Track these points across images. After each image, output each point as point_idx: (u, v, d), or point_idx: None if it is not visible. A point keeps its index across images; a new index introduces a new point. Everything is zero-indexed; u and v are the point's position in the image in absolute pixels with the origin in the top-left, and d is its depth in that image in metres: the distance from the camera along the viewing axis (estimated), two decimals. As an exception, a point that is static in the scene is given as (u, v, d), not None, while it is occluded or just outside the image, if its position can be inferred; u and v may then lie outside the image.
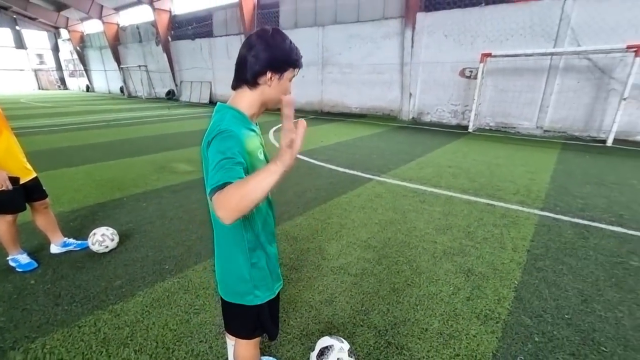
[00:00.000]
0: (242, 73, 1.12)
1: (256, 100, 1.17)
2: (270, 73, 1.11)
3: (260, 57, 1.09)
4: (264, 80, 1.13)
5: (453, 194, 4.54)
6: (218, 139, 1.02)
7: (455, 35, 10.60)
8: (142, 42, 24.66)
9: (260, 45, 1.09)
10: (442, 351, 1.93)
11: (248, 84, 1.14)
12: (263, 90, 1.15)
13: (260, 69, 1.10)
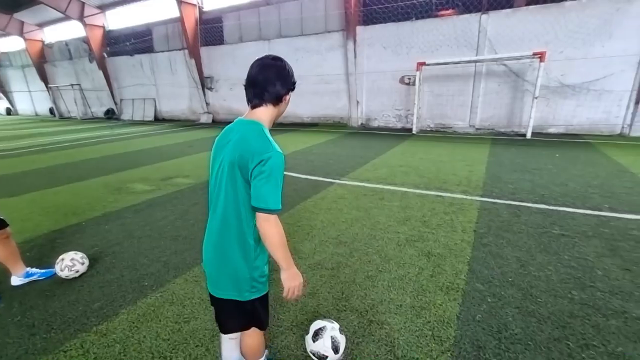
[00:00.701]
0: (271, 93, 1.33)
1: (275, 116, 1.42)
2: (289, 93, 1.39)
3: (287, 81, 1.35)
4: (284, 99, 1.38)
5: (407, 190, 5.02)
6: (275, 161, 1.25)
7: (392, 46, 11.54)
8: (73, 59, 22.89)
9: (284, 71, 1.34)
10: (416, 321, 2.24)
11: (273, 102, 1.36)
12: (280, 106, 1.40)
13: (286, 91, 1.36)
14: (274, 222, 1.27)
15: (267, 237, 1.29)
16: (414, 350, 1.98)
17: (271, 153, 1.25)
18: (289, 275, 1.39)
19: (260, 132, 1.31)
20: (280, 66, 1.34)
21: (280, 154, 1.27)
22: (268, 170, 1.23)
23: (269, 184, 1.23)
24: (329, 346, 1.82)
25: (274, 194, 1.24)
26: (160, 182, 5.98)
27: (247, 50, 14.95)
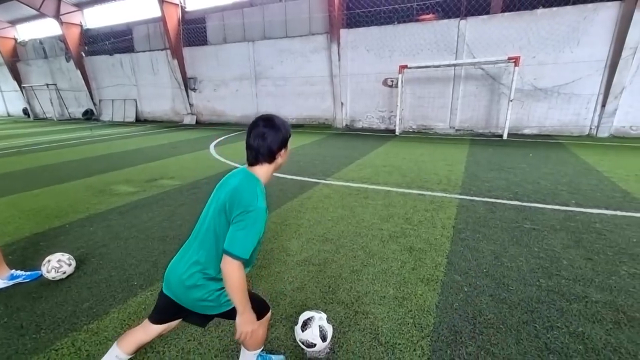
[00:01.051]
0: (264, 155, 1.50)
1: (273, 169, 1.57)
2: (283, 149, 1.54)
3: (279, 141, 1.50)
4: (279, 155, 1.54)
5: (390, 189, 5.20)
6: (256, 215, 1.39)
7: (375, 49, 11.80)
8: (49, 58, 22.15)
9: (276, 136, 1.49)
10: (398, 310, 2.38)
11: (268, 161, 1.52)
12: (277, 161, 1.56)
13: (278, 149, 1.51)
14: (236, 267, 1.37)
15: (228, 279, 1.39)
16: (396, 337, 2.12)
17: (255, 208, 1.39)
18: (244, 320, 1.46)
19: (253, 188, 1.45)
20: (272, 132, 1.49)
21: (262, 210, 1.41)
22: (246, 221, 1.37)
23: (243, 232, 1.37)
24: (317, 335, 1.93)
25: (244, 242, 1.37)
26: (145, 183, 5.95)
27: (231, 51, 14.91)
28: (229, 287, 1.40)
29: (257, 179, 1.49)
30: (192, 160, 7.92)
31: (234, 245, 1.36)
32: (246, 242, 1.37)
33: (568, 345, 1.99)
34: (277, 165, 1.58)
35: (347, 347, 2.06)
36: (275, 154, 1.52)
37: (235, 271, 1.37)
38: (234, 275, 1.37)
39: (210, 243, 1.49)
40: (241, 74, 15.08)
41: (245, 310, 1.44)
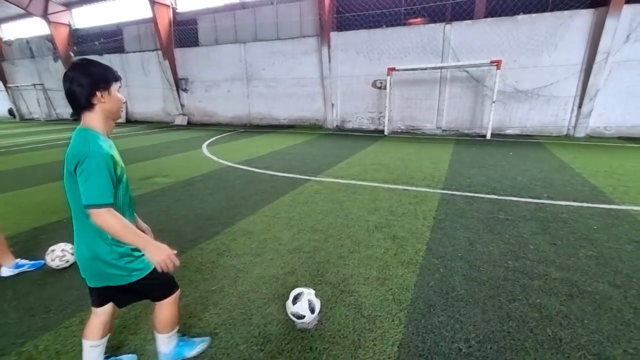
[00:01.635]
0: (79, 101, 1.42)
1: (103, 117, 1.50)
2: (99, 92, 1.44)
3: (86, 83, 1.40)
4: (97, 100, 1.45)
5: (377, 184, 5.47)
6: (93, 158, 1.36)
7: (365, 52, 12.11)
8: (35, 57, 21.88)
9: (81, 73, 1.41)
10: (380, 288, 2.63)
11: (87, 108, 1.45)
12: (102, 106, 1.47)
13: (91, 93, 1.42)
14: (105, 213, 1.37)
15: (107, 229, 1.40)
16: (377, 310, 2.37)
17: (88, 153, 1.37)
18: (151, 252, 1.46)
19: (81, 137, 1.43)
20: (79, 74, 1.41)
21: (97, 153, 1.38)
22: (87, 169, 1.36)
23: (90, 180, 1.35)
24: (306, 307, 2.17)
25: (96, 189, 1.36)
26: (139, 181, 6.09)
27: (223, 52, 15.06)
28: (114, 234, 1.41)
29: (85, 129, 1.45)
30: (184, 160, 8.06)
31: (89, 195, 1.35)
32: (97, 187, 1.36)
33: (526, 314, 2.27)
34: (105, 111, 1.49)
35: (333, 319, 2.30)
36: (90, 96, 1.42)
37: (108, 219, 1.37)
38: (108, 223, 1.38)
39: (76, 213, 1.50)
40: (233, 75, 15.23)
41: (145, 245, 1.45)
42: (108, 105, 1.49)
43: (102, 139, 1.47)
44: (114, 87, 1.50)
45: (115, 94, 1.51)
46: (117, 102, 1.53)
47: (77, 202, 1.43)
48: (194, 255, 3.27)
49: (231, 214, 4.32)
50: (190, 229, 3.91)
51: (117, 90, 1.52)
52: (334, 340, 2.10)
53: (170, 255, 1.49)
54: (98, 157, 1.38)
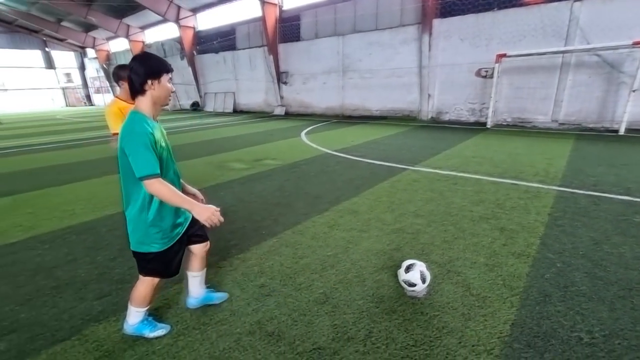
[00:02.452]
0: (134, 86, 1.70)
1: (151, 102, 1.74)
2: (150, 80, 1.69)
3: (141, 72, 1.67)
4: (149, 87, 1.70)
5: (481, 177, 5.27)
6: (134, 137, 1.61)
7: (470, 38, 11.32)
8: (167, 57, 26.12)
9: (138, 63, 1.68)
10: (489, 273, 2.68)
11: (139, 93, 1.71)
12: (152, 93, 1.72)
13: (144, 81, 1.68)
14: (156, 183, 1.62)
15: (159, 196, 1.67)
16: (486, 291, 2.45)
17: (130, 132, 1.62)
18: (198, 212, 1.67)
19: (129, 120, 1.68)
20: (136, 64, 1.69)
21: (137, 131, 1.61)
22: (131, 146, 1.61)
23: (135, 155, 1.61)
24: (418, 277, 2.39)
25: (142, 162, 1.60)
26: (253, 162, 7.02)
27: (321, 45, 15.79)
28: (165, 200, 1.68)
29: (135, 112, 1.70)
30: (287, 146, 8.89)
31: (139, 169, 1.60)
32: (144, 161, 1.59)
33: (667, 320, 2.08)
34: (154, 97, 1.72)
35: (441, 293, 2.46)
36: (143, 84, 1.67)
37: (158, 187, 1.62)
38: (158, 191, 1.63)
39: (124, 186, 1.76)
40: (330, 68, 15.87)
41: (192, 206, 1.68)
42: (157, 93, 1.73)
43: (147, 121, 1.70)
44: (164, 78, 1.73)
45: (165, 84, 1.75)
46: (166, 90, 1.76)
47: (124, 173, 1.73)
48: (308, 226, 3.75)
49: (336, 195, 4.74)
50: (301, 204, 4.44)
51: (167, 80, 1.75)
52: (444, 310, 2.28)
53: (214, 212, 1.69)
54: (140, 135, 1.62)
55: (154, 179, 1.61)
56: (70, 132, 13.72)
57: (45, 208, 4.59)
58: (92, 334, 2.14)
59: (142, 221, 1.79)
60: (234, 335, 2.10)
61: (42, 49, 37.75)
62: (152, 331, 2.09)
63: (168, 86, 1.77)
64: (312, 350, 1.96)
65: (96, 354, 1.97)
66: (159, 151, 1.70)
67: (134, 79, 1.69)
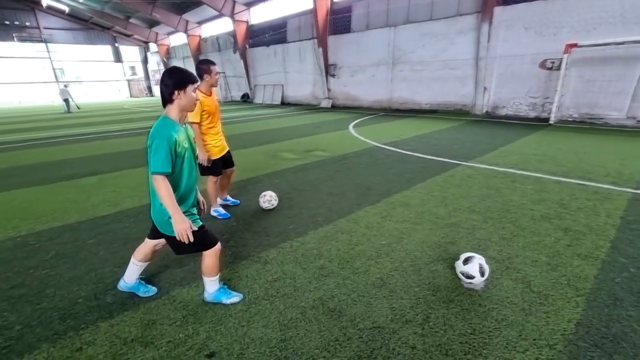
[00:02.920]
0: (163, 96, 1.97)
1: (179, 109, 2.01)
2: (177, 91, 1.95)
3: (170, 84, 1.93)
4: (176, 97, 1.96)
5: (542, 176, 5.00)
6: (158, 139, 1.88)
7: (536, 27, 10.52)
8: (221, 50, 27.46)
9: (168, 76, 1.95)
10: (551, 273, 2.61)
11: (168, 101, 1.98)
12: (179, 102, 1.98)
13: (172, 91, 1.94)
14: (159, 180, 1.88)
15: (156, 191, 1.92)
16: (548, 289, 2.40)
17: (155, 135, 1.89)
18: (174, 221, 1.92)
19: (157, 124, 1.95)
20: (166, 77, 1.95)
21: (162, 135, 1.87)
22: (153, 146, 1.89)
23: (154, 154, 1.88)
24: (476, 270, 2.41)
25: (157, 161, 1.87)
26: (304, 152, 7.27)
27: (372, 37, 15.60)
28: (159, 197, 1.91)
29: (164, 117, 1.98)
30: (336, 138, 9.03)
31: (153, 165, 1.88)
32: (158, 160, 1.86)
33: None
34: (180, 105, 1.99)
35: (500, 287, 2.47)
36: (171, 94, 1.94)
37: (160, 183, 1.88)
38: (159, 187, 1.89)
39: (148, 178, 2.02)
40: (379, 60, 15.65)
41: (174, 213, 1.91)
42: (183, 102, 1.99)
43: (174, 126, 1.96)
44: (189, 88, 1.98)
45: (190, 93, 1.99)
46: (190, 99, 2.02)
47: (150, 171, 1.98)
48: (361, 215, 3.87)
49: (387, 187, 4.79)
50: (353, 195, 4.57)
51: (192, 90, 2.00)
52: (503, 303, 2.29)
53: (186, 229, 1.93)
54: (163, 138, 1.88)
55: (160, 176, 1.89)
56: (137, 121, 15.08)
57: (125, 187, 5.20)
58: (178, 295, 2.47)
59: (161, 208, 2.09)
60: (299, 307, 2.30)
61: (112, 44, 41.50)
62: (228, 298, 2.36)
63: (193, 95, 2.01)
64: (373, 328, 2.10)
65: (183, 312, 2.29)
66: (180, 152, 1.97)
67: (163, 90, 1.96)
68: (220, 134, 3.92)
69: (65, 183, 5.56)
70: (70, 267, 2.92)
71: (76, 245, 3.33)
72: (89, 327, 2.17)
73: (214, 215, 4.00)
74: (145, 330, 2.13)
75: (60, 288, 2.61)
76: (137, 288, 2.47)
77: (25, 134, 11.80)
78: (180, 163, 2.01)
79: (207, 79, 3.59)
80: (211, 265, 2.25)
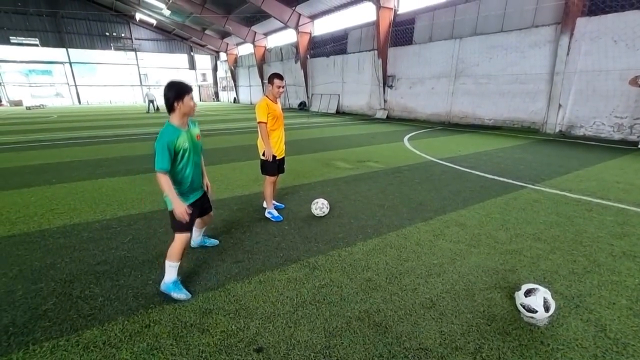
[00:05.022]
0: (166, 105, 2.38)
1: (179, 115, 2.41)
2: (176, 102, 2.35)
3: (170, 96, 2.34)
4: (176, 106, 2.36)
5: (626, 207, 4.43)
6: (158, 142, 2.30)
7: (628, 39, 9.40)
8: (283, 60, 28.76)
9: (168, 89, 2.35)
10: (634, 319, 2.30)
11: (170, 109, 2.38)
12: (180, 109, 2.38)
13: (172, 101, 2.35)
14: (158, 176, 2.32)
15: (159, 183, 2.35)
16: (629, 338, 2.12)
17: (157, 139, 2.31)
18: (174, 205, 2.38)
19: (164, 127, 2.38)
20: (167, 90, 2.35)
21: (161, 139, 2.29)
22: (155, 148, 2.30)
23: (154, 154, 2.29)
24: (540, 304, 2.21)
25: (156, 160, 2.29)
26: (357, 163, 7.29)
27: (434, 49, 15.20)
28: (161, 187, 2.35)
29: (168, 123, 2.40)
30: (390, 150, 8.91)
31: (155, 163, 2.30)
32: (156, 159, 2.28)
33: None
34: (181, 112, 2.38)
35: (567, 327, 2.23)
36: (172, 104, 2.34)
37: (160, 178, 2.33)
38: (160, 181, 2.34)
39: None
40: (440, 72, 15.16)
41: (173, 199, 2.37)
42: (183, 109, 2.39)
43: (175, 130, 2.39)
44: (187, 98, 2.37)
45: (188, 102, 2.39)
46: (189, 107, 2.41)
47: None
48: (412, 231, 3.78)
49: (441, 205, 4.61)
50: (405, 209, 4.47)
51: (189, 99, 2.39)
52: (570, 345, 2.07)
53: (183, 212, 2.38)
54: (164, 141, 2.31)
55: (159, 172, 2.33)
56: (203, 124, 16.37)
57: (191, 184, 5.67)
58: (232, 289, 2.64)
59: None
60: (344, 317, 2.32)
61: (189, 53, 45.69)
62: (178, 293, 2.53)
63: (190, 104, 2.41)
64: (419, 349, 2.04)
65: (236, 305, 2.44)
66: (180, 152, 2.42)
67: (165, 101, 2.38)
68: (281, 139, 4.14)
69: (143, 176, 6.24)
70: (143, 252, 3.28)
71: (149, 232, 3.73)
72: (157, 307, 2.41)
73: (267, 217, 4.20)
74: (202, 317, 2.31)
75: (135, 269, 2.95)
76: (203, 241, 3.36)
77: (115, 130, 13.48)
78: (180, 160, 2.46)
79: (270, 89, 3.89)
80: (176, 249, 2.55)
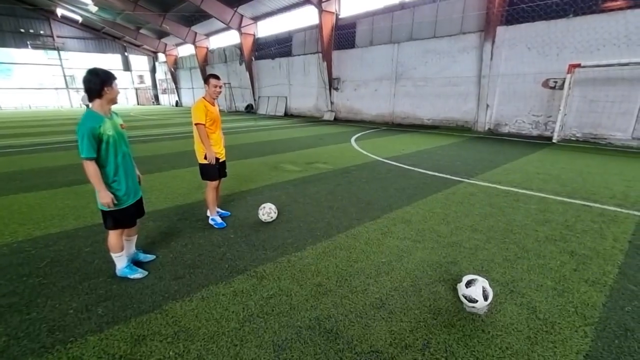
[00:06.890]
0: (92, 93, 2.38)
1: (106, 102, 2.45)
2: (106, 87, 2.38)
3: (97, 82, 2.35)
4: (105, 92, 2.39)
5: (546, 195, 4.93)
6: (80, 129, 2.30)
7: (539, 47, 10.62)
8: (227, 62, 27.86)
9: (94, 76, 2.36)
10: (558, 299, 2.52)
11: (97, 97, 2.40)
12: (107, 96, 2.42)
13: (101, 88, 2.37)
14: (86, 163, 2.35)
15: (86, 172, 2.38)
16: (555, 317, 2.31)
17: (78, 127, 2.31)
18: (99, 195, 2.44)
19: (82, 117, 2.36)
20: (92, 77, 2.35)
21: (83, 126, 2.29)
22: (79, 135, 2.31)
23: (78, 142, 2.31)
24: (479, 293, 2.32)
25: (80, 148, 2.31)
26: (305, 165, 7.23)
27: (375, 53, 15.79)
28: (88, 177, 2.38)
29: (89, 110, 2.39)
30: (338, 151, 9.02)
31: (80, 151, 2.32)
32: (83, 146, 2.29)
33: None
34: (107, 98, 2.43)
35: (504, 313, 2.37)
36: (100, 90, 2.36)
37: (88, 166, 2.35)
38: (87, 169, 2.36)
39: None
40: (382, 75, 15.80)
41: (99, 189, 2.42)
42: (110, 95, 2.44)
43: (97, 117, 2.38)
44: (114, 83, 2.44)
45: (116, 88, 2.46)
46: (116, 93, 2.48)
47: None
48: (361, 231, 3.80)
49: (388, 203, 4.73)
50: (354, 209, 4.50)
51: (116, 85, 2.46)
52: (507, 330, 2.19)
53: (108, 202, 2.47)
54: (84, 128, 2.30)
55: (85, 160, 2.35)
56: (142, 128, 15.17)
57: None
58: (170, 309, 2.39)
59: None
60: (294, 327, 2.21)
61: (122, 53, 42.22)
62: (133, 274, 2.81)
63: (118, 90, 2.49)
64: (370, 352, 2.01)
65: (175, 327, 2.21)
66: (104, 138, 2.39)
67: (91, 88, 2.35)
68: (220, 142, 3.92)
69: (67, 189, 5.53)
70: (63, 276, 2.86)
71: (72, 253, 3.27)
72: (78, 341, 2.09)
73: (211, 223, 3.95)
74: (134, 346, 2.05)
75: (51, 298, 2.54)
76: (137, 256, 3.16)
77: (33, 139, 11.87)
78: (105, 147, 2.43)
79: (206, 89, 3.69)
80: (113, 243, 2.71)
